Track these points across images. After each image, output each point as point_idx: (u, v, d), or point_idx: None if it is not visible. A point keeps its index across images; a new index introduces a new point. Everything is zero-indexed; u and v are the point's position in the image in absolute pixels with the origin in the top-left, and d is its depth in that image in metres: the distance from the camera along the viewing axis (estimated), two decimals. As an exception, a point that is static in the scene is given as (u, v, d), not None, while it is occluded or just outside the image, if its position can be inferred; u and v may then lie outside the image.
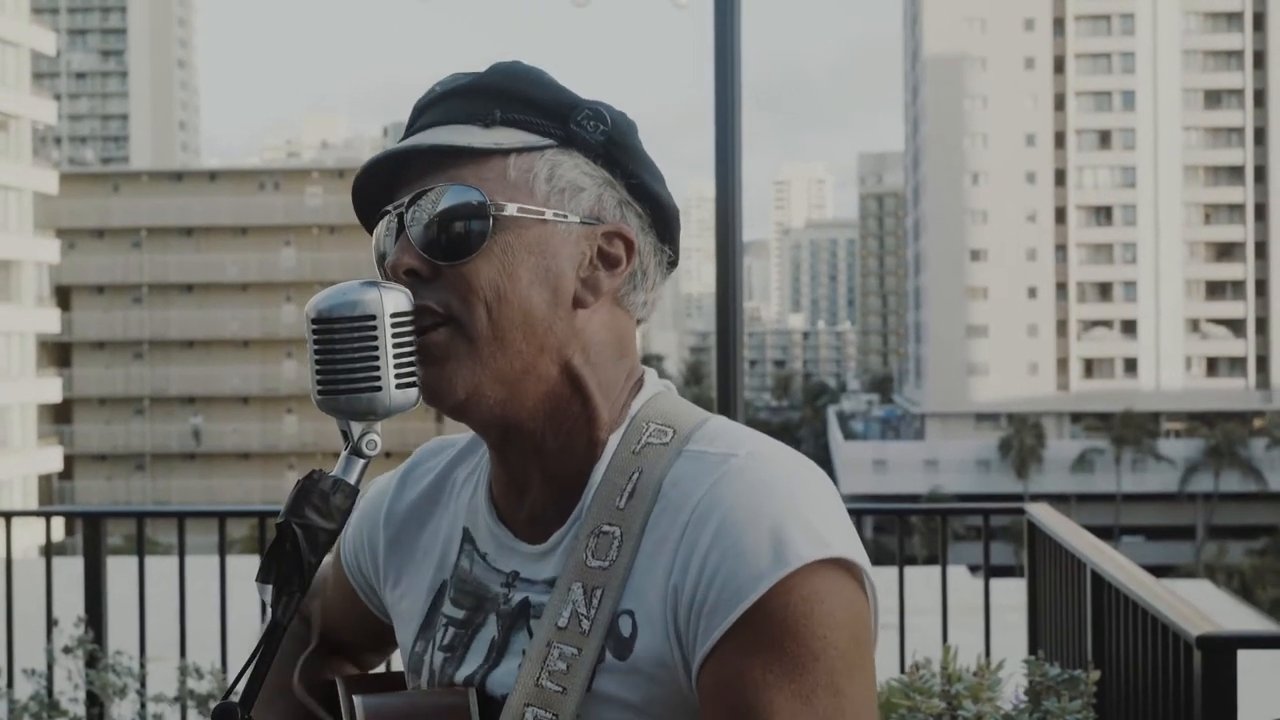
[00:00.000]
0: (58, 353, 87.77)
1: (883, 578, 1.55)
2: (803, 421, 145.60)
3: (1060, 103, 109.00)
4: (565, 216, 1.53)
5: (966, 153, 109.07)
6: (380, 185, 1.58)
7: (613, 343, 1.57)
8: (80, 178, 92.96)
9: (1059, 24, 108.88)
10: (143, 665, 6.04)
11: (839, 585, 1.42)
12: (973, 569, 16.10)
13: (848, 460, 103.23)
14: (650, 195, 1.60)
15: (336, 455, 1.57)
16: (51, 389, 68.22)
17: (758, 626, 1.40)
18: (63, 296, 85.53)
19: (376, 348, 1.46)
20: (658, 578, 1.46)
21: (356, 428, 1.50)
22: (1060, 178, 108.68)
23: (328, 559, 1.88)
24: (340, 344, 1.47)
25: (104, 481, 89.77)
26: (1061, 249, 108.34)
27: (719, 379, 6.95)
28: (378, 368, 1.46)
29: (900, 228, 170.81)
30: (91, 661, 5.89)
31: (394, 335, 1.47)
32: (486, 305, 1.49)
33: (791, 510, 1.42)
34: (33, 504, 64.68)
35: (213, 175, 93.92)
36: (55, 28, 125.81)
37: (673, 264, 1.65)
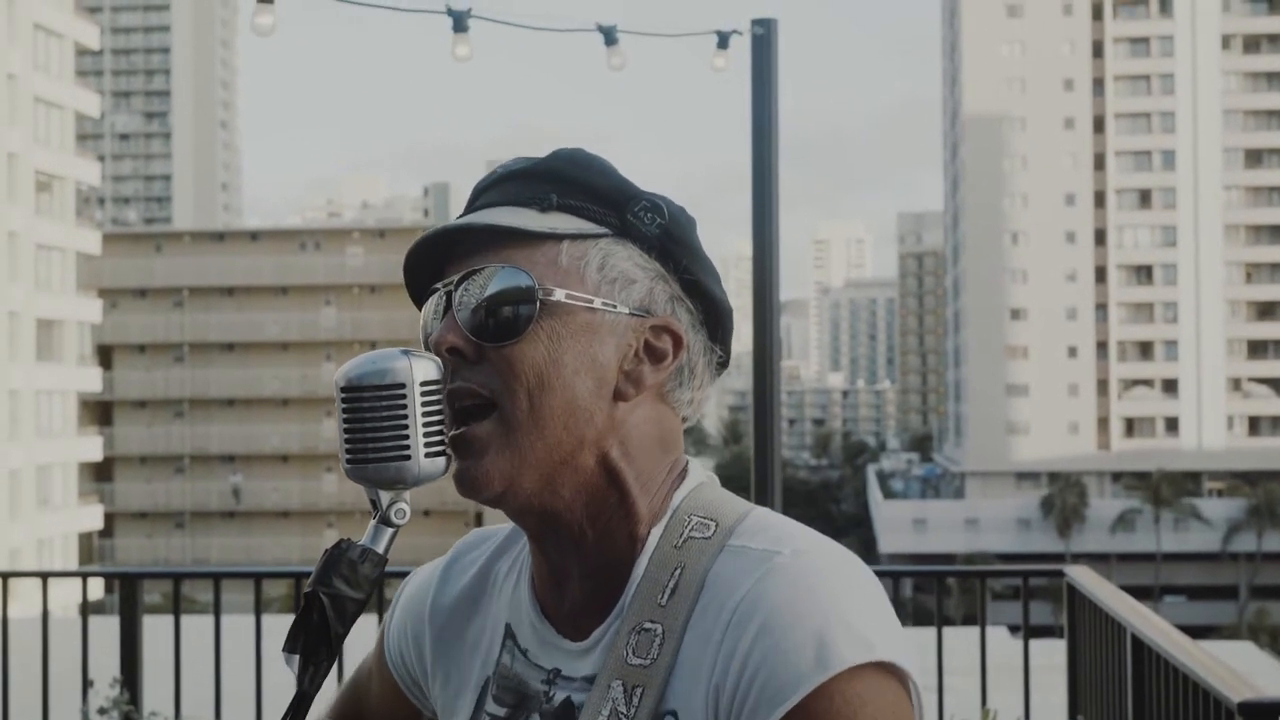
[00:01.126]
0: (99, 411, 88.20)
1: (921, 639, 1.49)
2: (842, 480, 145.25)
3: (1100, 162, 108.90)
4: (614, 307, 1.50)
5: (1006, 212, 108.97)
6: (432, 261, 1.56)
7: (655, 437, 1.53)
8: (123, 238, 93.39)
9: (1098, 84, 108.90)
10: (178, 726, 6.03)
11: (882, 689, 1.37)
12: (1012, 629, 15.98)
13: (887, 519, 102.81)
14: (703, 293, 1.56)
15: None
16: (93, 447, 68.44)
17: None
18: (104, 355, 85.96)
19: (406, 416, 1.45)
20: (700, 678, 1.42)
21: (385, 496, 1.49)
22: (1100, 237, 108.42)
23: (370, 653, 1.86)
24: (369, 413, 1.46)
25: (144, 539, 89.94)
26: (1102, 308, 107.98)
27: (757, 438, 6.94)
28: (407, 437, 1.45)
29: (940, 287, 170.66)
30: (126, 722, 5.88)
31: (424, 404, 1.46)
32: (528, 390, 1.46)
33: (835, 611, 1.38)
34: (73, 562, 64.90)
35: (254, 235, 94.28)
36: (99, 90, 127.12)
37: (723, 365, 1.61)
